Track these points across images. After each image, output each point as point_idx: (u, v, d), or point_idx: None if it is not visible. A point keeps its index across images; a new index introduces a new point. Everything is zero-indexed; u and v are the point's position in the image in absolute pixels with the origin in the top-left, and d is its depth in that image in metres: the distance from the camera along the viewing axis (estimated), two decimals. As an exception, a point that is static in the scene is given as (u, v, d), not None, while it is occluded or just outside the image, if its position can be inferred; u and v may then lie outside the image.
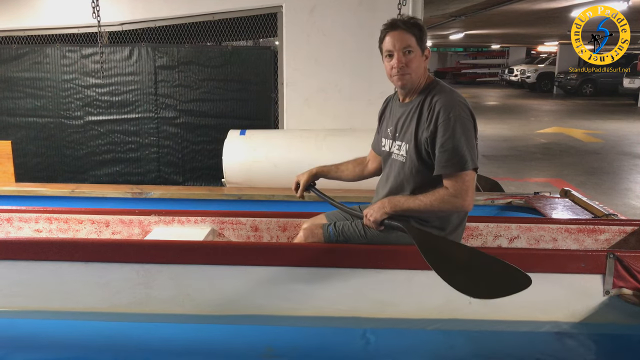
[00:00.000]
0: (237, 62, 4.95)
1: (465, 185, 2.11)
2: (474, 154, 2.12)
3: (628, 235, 2.82)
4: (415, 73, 2.20)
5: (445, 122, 2.09)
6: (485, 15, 10.47)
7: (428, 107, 2.16)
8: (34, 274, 2.40)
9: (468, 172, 2.10)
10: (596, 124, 12.42)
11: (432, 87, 2.23)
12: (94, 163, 5.12)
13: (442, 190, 2.13)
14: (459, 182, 2.10)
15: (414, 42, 2.16)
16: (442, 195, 2.12)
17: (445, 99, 2.14)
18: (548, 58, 25.34)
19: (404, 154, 2.26)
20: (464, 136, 2.09)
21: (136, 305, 2.41)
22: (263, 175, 4.21)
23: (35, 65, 4.96)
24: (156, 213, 2.97)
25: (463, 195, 2.10)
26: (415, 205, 2.17)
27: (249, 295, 2.39)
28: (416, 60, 2.18)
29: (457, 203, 2.12)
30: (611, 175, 7.39)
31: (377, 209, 2.23)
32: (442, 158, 2.11)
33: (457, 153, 2.08)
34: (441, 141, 2.10)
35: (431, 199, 2.14)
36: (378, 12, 4.64)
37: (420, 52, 2.19)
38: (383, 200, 2.25)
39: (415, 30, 2.16)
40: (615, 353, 2.32)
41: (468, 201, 2.13)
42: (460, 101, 2.16)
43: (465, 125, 2.10)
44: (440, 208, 2.14)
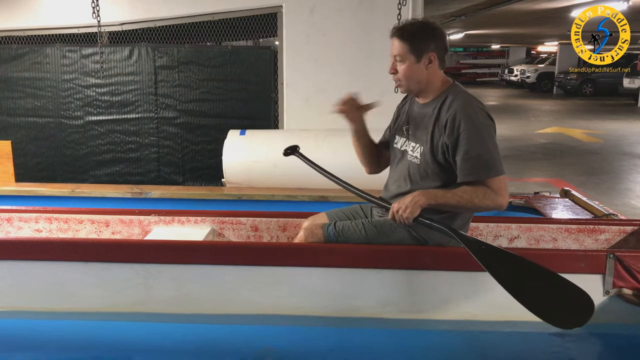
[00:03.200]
0: (237, 62, 4.96)
1: (504, 184, 2.11)
2: (500, 158, 2.12)
3: (628, 235, 2.82)
4: (405, 81, 2.20)
5: (470, 130, 2.07)
6: (485, 15, 10.47)
7: (447, 112, 2.14)
8: (33, 274, 2.40)
9: (501, 176, 2.10)
10: (596, 124, 12.42)
11: (450, 91, 2.20)
12: (94, 163, 5.12)
13: (483, 187, 2.09)
14: (496, 182, 2.09)
15: (405, 50, 2.15)
16: (484, 192, 2.08)
17: (465, 106, 2.12)
18: (548, 58, 25.33)
19: (418, 155, 2.24)
20: (490, 142, 2.09)
21: (136, 305, 2.41)
22: (263, 175, 4.21)
23: (35, 65, 4.96)
24: (156, 213, 2.97)
25: (503, 193, 2.10)
26: (455, 200, 2.11)
27: (249, 295, 2.39)
28: (406, 69, 2.17)
29: (498, 200, 2.09)
30: (611, 175, 7.39)
31: (410, 202, 2.11)
32: (470, 165, 2.08)
33: (485, 159, 2.07)
34: (466, 148, 2.07)
35: (472, 194, 2.09)
36: (377, 12, 4.65)
37: (413, 60, 2.16)
38: (414, 193, 2.14)
39: (408, 38, 2.14)
40: (615, 353, 2.33)
41: (506, 200, 2.12)
42: (481, 107, 2.14)
43: (490, 131, 2.11)
44: (482, 204, 2.10)
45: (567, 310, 1.99)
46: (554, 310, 1.99)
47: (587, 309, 1.94)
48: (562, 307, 2.00)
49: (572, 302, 1.98)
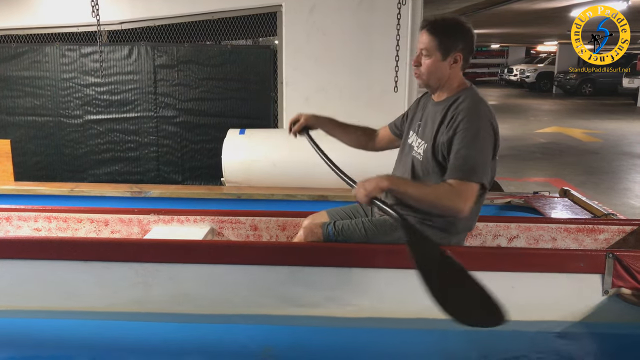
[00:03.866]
0: (236, 61, 4.95)
1: (471, 192, 2.06)
2: (485, 169, 2.08)
3: (627, 235, 2.82)
4: (427, 75, 2.19)
5: (466, 131, 2.06)
6: (484, 14, 10.47)
7: (452, 112, 2.14)
8: (32, 273, 2.39)
9: (474, 183, 2.06)
10: (595, 124, 12.43)
11: (464, 93, 2.18)
12: (93, 162, 5.12)
13: (446, 186, 2.07)
14: (464, 186, 2.05)
15: (433, 45, 2.13)
16: (446, 190, 2.06)
17: (471, 109, 2.11)
18: (547, 58, 25.34)
19: (421, 152, 2.25)
20: (479, 149, 2.06)
21: (135, 305, 2.41)
22: (262, 174, 4.21)
23: (35, 64, 4.96)
24: (155, 212, 2.97)
25: (466, 198, 2.04)
26: (415, 191, 2.10)
27: (248, 294, 2.39)
28: (430, 64, 2.16)
29: (458, 204, 2.04)
30: (610, 175, 7.40)
31: (373, 182, 2.10)
32: (455, 163, 2.08)
33: (470, 162, 2.05)
34: (457, 147, 2.07)
35: (434, 190, 2.08)
36: (377, 11, 4.65)
37: (439, 57, 2.14)
38: (382, 175, 2.13)
39: (438, 34, 2.12)
40: (614, 352, 2.33)
41: (468, 206, 2.06)
42: (488, 117, 2.12)
43: (485, 139, 2.08)
44: (439, 203, 2.07)
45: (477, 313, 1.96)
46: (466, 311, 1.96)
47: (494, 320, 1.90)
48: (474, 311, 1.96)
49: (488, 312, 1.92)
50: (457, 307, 1.94)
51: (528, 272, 2.29)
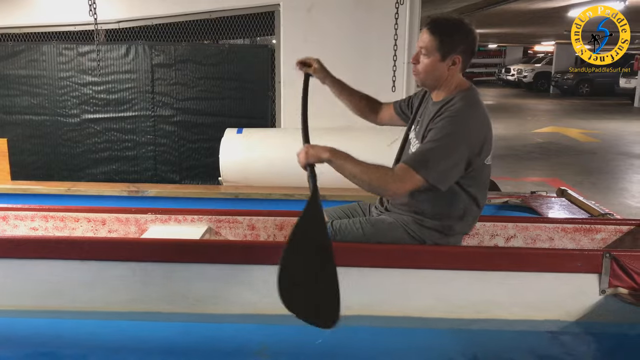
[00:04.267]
0: (234, 60, 4.95)
1: (411, 180, 2.02)
2: (437, 169, 2.02)
3: (624, 235, 2.83)
4: (424, 75, 2.17)
5: (439, 129, 2.05)
6: (482, 14, 10.48)
7: (441, 112, 2.13)
8: (29, 273, 2.39)
9: (418, 175, 2.01)
10: (593, 124, 12.46)
11: (459, 95, 2.15)
12: (90, 161, 5.11)
13: (388, 169, 2.06)
14: (405, 172, 2.02)
15: (433, 45, 2.10)
16: (383, 172, 2.04)
17: (457, 110, 2.08)
18: (545, 58, 25.38)
19: (412, 149, 2.25)
20: (442, 149, 2.02)
21: (132, 304, 2.40)
22: (260, 173, 4.21)
23: (32, 63, 4.95)
24: (153, 211, 2.96)
25: (400, 182, 2.02)
26: (352, 167, 2.06)
27: (245, 293, 2.39)
28: (428, 64, 2.14)
29: (390, 185, 2.03)
30: (607, 175, 7.41)
31: (316, 150, 2.12)
32: (412, 153, 2.10)
33: (425, 155, 2.03)
34: (424, 141, 2.08)
35: (370, 169, 2.04)
36: (375, 11, 4.65)
37: (438, 57, 2.12)
38: (327, 146, 2.14)
39: (438, 35, 2.10)
40: (611, 352, 2.33)
41: (400, 191, 2.05)
42: (473, 119, 2.09)
43: (454, 141, 2.03)
44: (372, 181, 2.04)
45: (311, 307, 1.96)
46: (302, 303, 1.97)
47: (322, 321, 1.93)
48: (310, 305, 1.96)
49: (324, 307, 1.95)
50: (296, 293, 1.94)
51: (525, 271, 2.29)
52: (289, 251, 1.90)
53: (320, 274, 1.95)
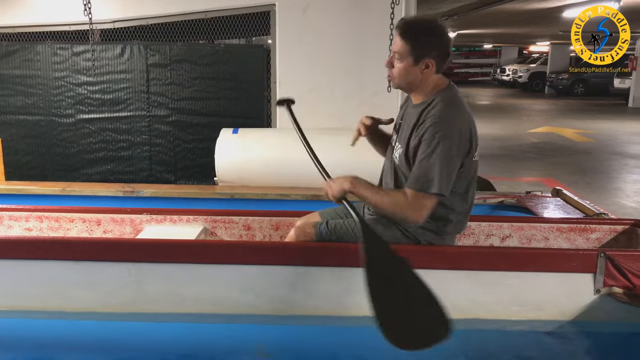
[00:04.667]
0: (229, 60, 4.94)
1: (421, 203, 2.07)
2: (444, 179, 2.05)
3: (618, 235, 2.84)
4: (398, 79, 2.19)
5: (429, 140, 2.05)
6: (477, 15, 10.50)
7: (423, 117, 2.13)
8: (23, 273, 2.38)
9: (430, 195, 2.06)
10: (587, 124, 12.50)
11: (438, 95, 2.16)
12: (85, 161, 5.10)
13: (402, 195, 2.10)
14: (417, 197, 2.07)
15: (406, 50, 2.11)
16: (399, 201, 2.10)
17: (440, 114, 2.09)
18: (540, 58, 25.46)
19: (397, 155, 2.25)
20: (440, 159, 2.04)
21: (128, 305, 2.40)
22: (255, 174, 4.20)
23: (26, 63, 4.92)
24: (148, 212, 2.95)
25: (417, 210, 2.07)
26: (373, 197, 2.14)
27: (241, 294, 2.39)
28: (401, 69, 2.15)
29: (409, 215, 2.09)
30: (602, 175, 7.44)
31: (337, 184, 2.17)
32: (414, 172, 2.09)
33: (427, 173, 2.05)
34: (419, 157, 2.08)
35: (389, 199, 2.12)
36: (371, 12, 4.65)
37: (410, 62, 2.12)
38: (346, 177, 2.18)
39: (411, 39, 2.10)
40: (606, 351, 2.34)
41: (420, 217, 2.09)
42: (456, 119, 2.10)
43: (448, 148, 2.05)
44: (392, 211, 2.12)
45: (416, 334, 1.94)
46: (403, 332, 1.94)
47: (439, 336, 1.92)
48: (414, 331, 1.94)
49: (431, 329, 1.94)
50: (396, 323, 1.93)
51: (520, 271, 2.30)
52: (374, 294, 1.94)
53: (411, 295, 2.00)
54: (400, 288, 2.02)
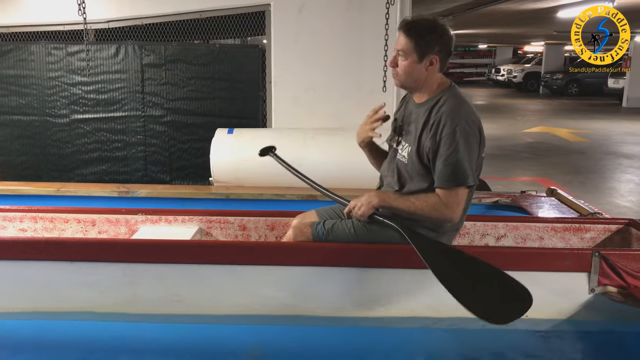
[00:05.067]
0: (224, 60, 4.93)
1: (458, 199, 2.13)
2: (474, 170, 2.12)
3: (613, 234, 2.85)
4: (404, 77, 2.19)
5: (451, 135, 2.08)
6: (472, 15, 10.53)
7: (435, 115, 2.14)
8: (18, 274, 2.37)
9: (463, 188, 2.12)
10: (581, 124, 12.54)
11: (445, 94, 2.19)
12: (80, 162, 5.08)
13: (435, 197, 2.14)
14: (452, 195, 2.11)
15: (410, 47, 2.13)
16: (434, 203, 2.13)
17: (453, 110, 2.12)
18: (534, 58, 25.54)
19: (405, 155, 2.25)
20: (467, 152, 2.09)
21: (123, 305, 2.39)
22: (251, 174, 4.19)
23: (20, 63, 4.90)
24: (143, 212, 2.95)
25: (454, 207, 2.13)
26: (405, 206, 2.18)
27: (237, 294, 2.39)
28: (406, 66, 2.16)
29: (447, 213, 2.14)
30: (596, 175, 7.47)
31: (365, 201, 2.22)
32: (443, 171, 2.10)
33: (458, 168, 2.08)
34: (445, 154, 2.09)
35: (422, 203, 2.15)
36: (366, 11, 4.65)
37: (415, 58, 2.15)
38: (371, 193, 2.24)
39: (414, 36, 2.13)
40: (600, 350, 2.35)
41: (457, 213, 2.15)
42: (469, 115, 2.13)
43: (469, 140, 2.10)
44: (430, 214, 2.16)
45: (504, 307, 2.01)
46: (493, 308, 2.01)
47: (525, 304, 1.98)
48: (501, 305, 2.02)
49: (512, 298, 2.02)
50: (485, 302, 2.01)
51: (515, 270, 2.29)
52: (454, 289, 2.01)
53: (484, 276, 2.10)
54: (472, 274, 2.10)
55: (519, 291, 2.01)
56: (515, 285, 2.03)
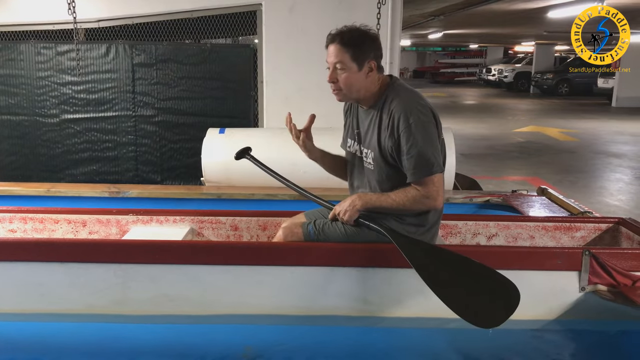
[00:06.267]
0: (216, 60, 4.91)
1: (435, 187, 2.14)
2: (438, 156, 2.14)
3: (603, 233, 2.87)
4: (347, 90, 2.19)
5: (407, 129, 2.09)
6: (463, 15, 10.56)
7: (387, 114, 2.16)
8: (7, 275, 2.35)
9: (436, 175, 2.13)
10: (572, 123, 12.62)
11: (389, 91, 2.20)
12: (70, 162, 5.04)
13: (414, 190, 2.16)
14: (427, 185, 2.13)
15: (348, 58, 2.13)
16: (414, 196, 2.15)
17: (402, 104, 2.13)
18: (525, 58, 25.68)
19: (371, 161, 2.27)
20: (426, 140, 2.10)
21: (114, 306, 2.38)
22: (242, 174, 4.17)
23: (9, 62, 4.86)
24: (134, 212, 2.93)
25: (434, 196, 2.15)
26: (387, 203, 2.19)
27: (228, 294, 2.38)
28: (349, 78, 2.16)
29: (429, 203, 2.17)
30: (586, 174, 7.52)
31: (348, 206, 2.23)
32: (410, 165, 2.12)
33: (422, 158, 2.10)
34: (406, 148, 2.11)
35: (403, 198, 2.17)
36: (357, 11, 4.65)
37: (356, 68, 2.14)
38: (353, 197, 2.26)
39: (351, 46, 2.12)
40: (590, 348, 2.37)
41: (439, 201, 2.18)
42: (419, 103, 2.15)
43: (426, 129, 2.11)
44: (413, 207, 2.18)
45: (493, 308, 2.03)
46: (479, 311, 2.03)
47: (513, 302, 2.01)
48: (488, 306, 2.04)
49: (501, 296, 2.04)
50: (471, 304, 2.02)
51: (507, 269, 2.30)
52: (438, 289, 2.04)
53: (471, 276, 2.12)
54: (458, 273, 2.11)
55: (506, 288, 2.02)
56: (502, 281, 2.04)
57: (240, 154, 2.63)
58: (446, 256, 2.17)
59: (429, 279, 2.05)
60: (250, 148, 2.64)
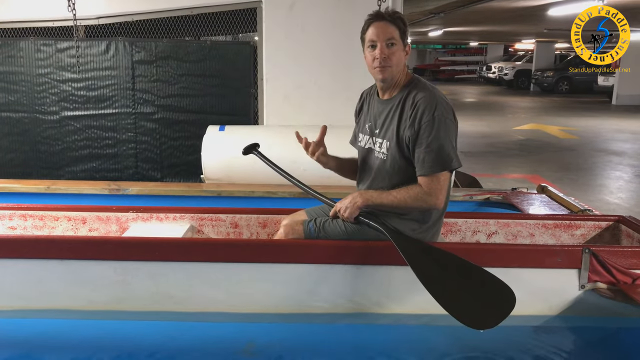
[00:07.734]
0: (216, 57, 4.90)
1: (440, 185, 2.14)
2: (456, 154, 2.15)
3: (603, 231, 2.87)
4: (396, 67, 2.20)
5: (431, 122, 2.09)
6: (463, 12, 10.55)
7: (411, 105, 2.16)
8: (7, 273, 2.35)
9: (445, 172, 2.13)
10: (572, 121, 12.62)
11: (413, 84, 2.22)
12: (70, 159, 5.04)
13: (416, 187, 2.15)
14: (435, 181, 2.13)
15: (398, 35, 2.16)
16: (416, 193, 2.14)
17: (428, 98, 2.13)
18: (525, 55, 25.67)
19: (384, 151, 2.25)
20: (447, 136, 2.11)
21: (114, 303, 2.38)
22: (242, 171, 4.17)
23: (9, 59, 4.85)
24: (134, 210, 2.93)
25: (437, 194, 2.14)
26: (388, 200, 2.19)
27: (228, 292, 2.38)
28: (398, 54, 2.18)
29: (431, 201, 2.15)
30: (586, 172, 7.52)
31: (349, 203, 2.23)
32: (428, 157, 2.11)
33: (443, 152, 2.10)
34: (427, 141, 2.10)
35: (404, 195, 2.16)
36: (357, 9, 4.63)
37: (402, 46, 2.19)
38: (354, 194, 2.25)
39: (399, 24, 2.16)
40: (590, 346, 2.37)
41: (441, 199, 2.16)
42: (444, 100, 2.16)
43: (448, 125, 2.12)
44: (413, 205, 2.17)
45: (488, 310, 2.00)
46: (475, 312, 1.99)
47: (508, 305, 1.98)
48: (483, 309, 2.00)
49: (496, 300, 2.01)
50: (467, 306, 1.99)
51: (507, 267, 2.31)
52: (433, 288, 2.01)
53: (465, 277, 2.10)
54: (456, 274, 2.10)
55: (501, 292, 2.01)
56: (498, 286, 2.03)
57: (248, 150, 2.64)
58: (444, 257, 2.15)
59: (424, 278, 2.03)
60: (258, 144, 2.65)
